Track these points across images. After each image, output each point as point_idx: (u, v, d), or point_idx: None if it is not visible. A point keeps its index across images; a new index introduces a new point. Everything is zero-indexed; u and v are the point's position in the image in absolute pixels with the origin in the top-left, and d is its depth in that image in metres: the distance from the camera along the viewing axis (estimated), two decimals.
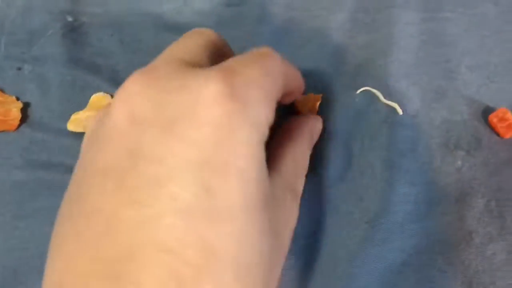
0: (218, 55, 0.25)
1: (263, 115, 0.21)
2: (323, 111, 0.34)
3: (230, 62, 0.22)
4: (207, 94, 0.19)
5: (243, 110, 0.20)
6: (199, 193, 0.18)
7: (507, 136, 0.33)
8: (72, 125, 0.34)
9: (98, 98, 0.35)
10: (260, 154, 0.21)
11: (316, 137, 0.30)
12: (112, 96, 0.35)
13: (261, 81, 0.22)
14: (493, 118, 0.34)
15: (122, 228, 0.18)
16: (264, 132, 0.21)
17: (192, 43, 0.24)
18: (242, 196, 0.19)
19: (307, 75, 0.36)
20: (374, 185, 0.31)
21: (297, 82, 0.28)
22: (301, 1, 0.40)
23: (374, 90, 0.34)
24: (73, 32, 0.38)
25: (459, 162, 0.32)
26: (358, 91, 0.34)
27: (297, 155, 0.26)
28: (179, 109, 0.19)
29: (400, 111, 0.33)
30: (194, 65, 0.22)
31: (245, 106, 0.20)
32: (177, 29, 0.39)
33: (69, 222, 0.20)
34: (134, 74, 0.21)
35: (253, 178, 0.20)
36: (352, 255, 0.29)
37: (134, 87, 0.21)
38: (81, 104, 0.35)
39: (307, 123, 0.29)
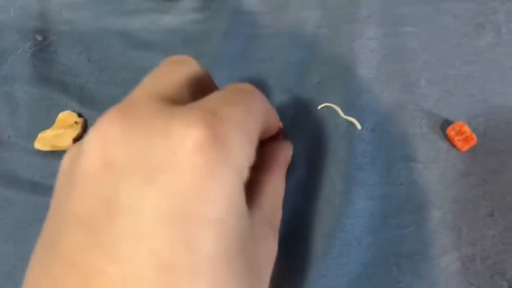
0: (200, 88, 0.24)
1: (246, 159, 0.21)
2: (286, 126, 0.35)
3: (212, 101, 0.21)
4: (189, 141, 0.19)
5: (226, 157, 0.19)
6: (179, 248, 0.18)
7: (464, 149, 0.34)
8: (39, 144, 0.34)
9: (65, 116, 0.35)
10: (240, 197, 0.20)
11: (288, 164, 0.29)
12: (79, 115, 0.35)
13: (244, 122, 0.21)
14: (450, 131, 0.34)
15: (102, 284, 0.18)
16: (245, 174, 0.21)
17: (173, 75, 0.23)
18: (222, 247, 0.19)
19: (271, 90, 0.37)
20: (333, 199, 0.32)
21: (275, 118, 0.27)
22: (267, 18, 0.41)
23: (334, 106, 0.35)
24: (42, 51, 0.39)
25: (416, 175, 0.33)
26: (319, 107, 0.35)
27: (277, 187, 0.26)
28: (159, 157, 0.19)
29: (358, 126, 0.34)
30: (175, 101, 0.21)
31: (228, 153, 0.19)
32: (145, 47, 0.40)
33: (41, 270, 0.19)
34: (110, 112, 0.20)
35: (232, 226, 0.19)
36: (312, 268, 0.30)
37: (111, 129, 0.19)
38: (49, 122, 0.35)
39: (283, 151, 0.28)
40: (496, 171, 0.34)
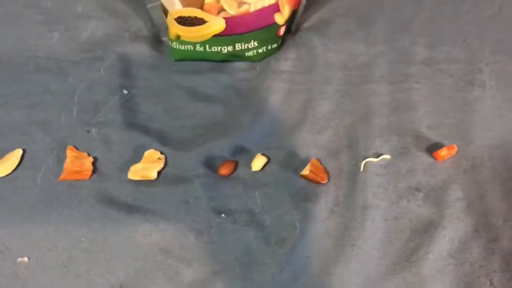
0: None
1: None
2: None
3: None
4: None
5: None
6: None
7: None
8: (131, 174, 0.45)
9: (150, 153, 0.46)
10: None
11: None
12: (161, 153, 0.46)
13: None
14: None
15: None
16: None
17: None
18: None
19: (313, 135, 0.48)
20: (356, 218, 0.42)
21: None
22: (300, 77, 0.52)
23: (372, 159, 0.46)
24: (128, 102, 0.50)
25: (420, 202, 0.44)
26: (363, 163, 0.46)
27: None
28: None
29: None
30: None
31: None
32: (207, 99, 0.51)
33: None
34: None
35: None
36: (336, 274, 0.41)
37: None
38: (137, 158, 0.46)
39: None
40: (481, 197, 0.44)
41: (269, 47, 0.53)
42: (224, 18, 0.48)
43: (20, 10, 0.57)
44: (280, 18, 0.51)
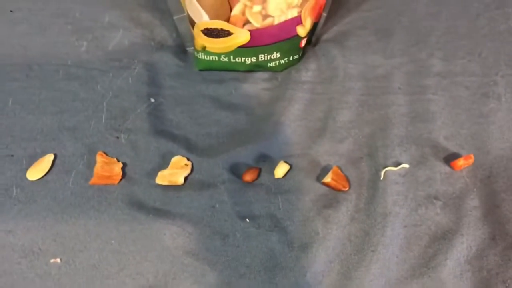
0: None
1: None
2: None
3: None
4: None
5: None
6: None
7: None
8: (159, 180, 0.47)
9: (177, 159, 0.48)
10: None
11: None
12: (187, 159, 0.48)
13: None
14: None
15: None
16: None
17: None
18: None
19: (328, 142, 0.49)
20: (376, 224, 0.44)
21: None
22: (320, 87, 0.54)
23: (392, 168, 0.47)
24: (155, 110, 0.52)
25: (438, 210, 0.45)
26: (383, 172, 0.48)
27: None
28: None
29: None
30: None
31: None
32: (230, 108, 0.52)
33: None
34: None
35: None
36: (357, 278, 0.42)
37: None
38: (164, 164, 0.48)
39: None
40: (497, 206, 0.45)
41: (291, 58, 0.55)
42: (249, 30, 0.50)
43: (49, 20, 0.59)
44: (302, 31, 0.52)
